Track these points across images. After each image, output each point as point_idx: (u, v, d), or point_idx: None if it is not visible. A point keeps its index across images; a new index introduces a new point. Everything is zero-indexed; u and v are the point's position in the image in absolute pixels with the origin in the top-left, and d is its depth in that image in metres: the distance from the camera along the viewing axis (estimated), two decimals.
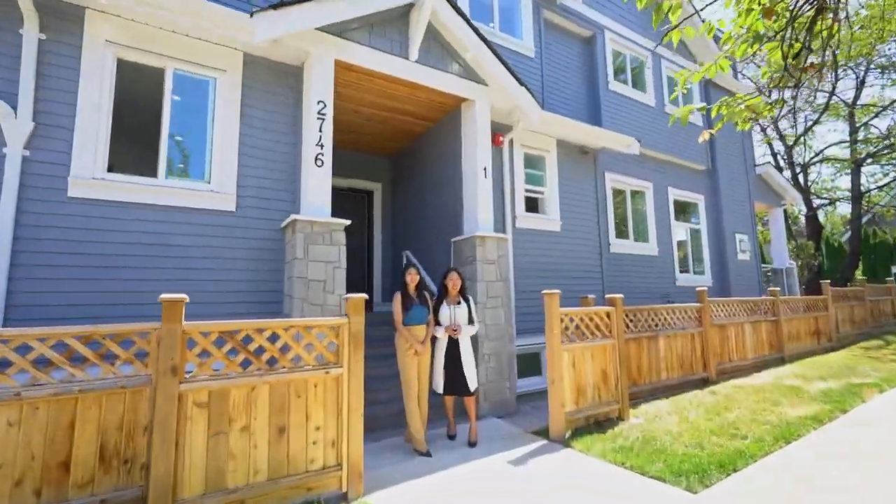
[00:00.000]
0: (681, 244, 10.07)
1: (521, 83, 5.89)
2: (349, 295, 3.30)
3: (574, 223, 7.27)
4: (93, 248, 3.85)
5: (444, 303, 4.41)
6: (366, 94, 5.89)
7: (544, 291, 4.46)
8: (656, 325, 6.11)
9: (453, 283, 4.42)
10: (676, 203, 9.99)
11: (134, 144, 4.31)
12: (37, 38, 3.78)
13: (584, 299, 5.41)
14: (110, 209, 3.95)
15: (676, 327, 6.40)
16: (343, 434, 3.18)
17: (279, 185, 4.75)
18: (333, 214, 4.07)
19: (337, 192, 7.86)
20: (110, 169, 4.08)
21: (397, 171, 8.11)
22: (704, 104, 3.10)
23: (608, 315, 5.01)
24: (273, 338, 3.07)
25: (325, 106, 4.70)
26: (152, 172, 4.22)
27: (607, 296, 5.13)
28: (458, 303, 4.41)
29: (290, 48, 4.66)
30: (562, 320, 4.52)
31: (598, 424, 4.64)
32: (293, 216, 4.28)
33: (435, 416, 4.96)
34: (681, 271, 9.64)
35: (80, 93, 3.91)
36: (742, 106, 2.86)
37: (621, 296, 5.08)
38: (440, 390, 4.33)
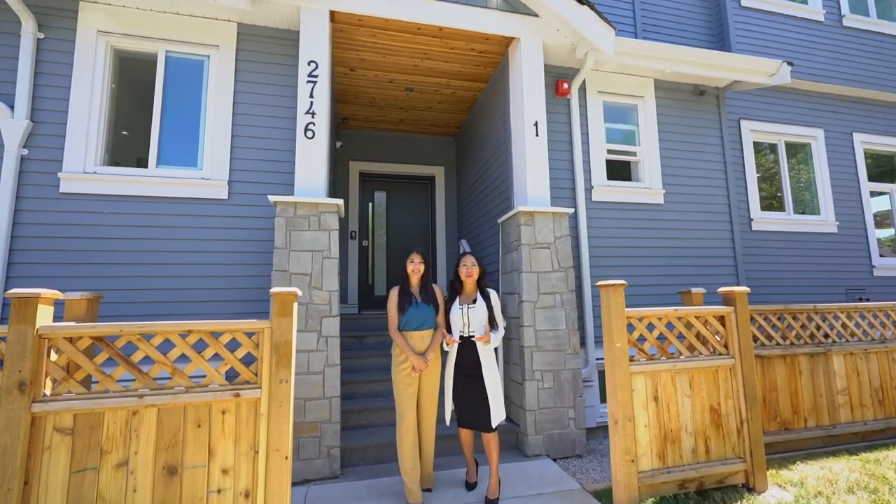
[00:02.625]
0: (882, 217, 6.89)
1: (583, 1, 4.32)
2: (275, 289, 2.41)
3: (686, 192, 5.26)
4: (82, 245, 3.68)
5: (457, 301, 3.24)
6: (393, 56, 5.00)
7: (601, 283, 2.95)
8: (826, 336, 3.90)
9: (467, 271, 3.22)
10: (870, 155, 6.85)
11: (130, 135, 4.13)
12: (34, 38, 3.78)
13: (686, 294, 3.65)
14: (101, 203, 3.76)
15: (870, 340, 4.04)
16: (259, 482, 2.29)
17: (278, 167, 4.13)
18: (392, 205, 3.33)
19: (398, 181, 7.17)
20: (106, 162, 3.94)
21: (459, 151, 7.06)
22: None
23: (722, 318, 3.20)
24: (166, 346, 2.34)
25: (317, 66, 3.93)
26: (144, 162, 3.97)
27: (721, 289, 3.29)
28: (474, 301, 3.19)
29: (281, 7, 4.02)
30: (631, 326, 2.95)
31: (704, 496, 2.90)
32: (271, 198, 3.59)
33: (457, 448, 3.79)
34: (882, 255, 6.54)
35: (72, 87, 3.82)
36: None
37: (745, 289, 3.19)
38: (448, 421, 3.18)
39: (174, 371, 2.29)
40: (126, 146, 4.12)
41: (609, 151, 5.12)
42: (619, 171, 5.22)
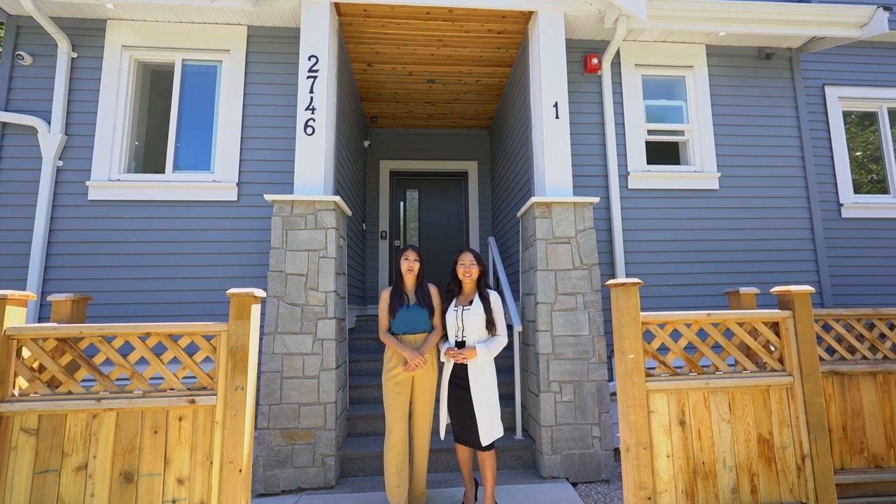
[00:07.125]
0: None
1: None
2: (232, 290, 2.28)
3: (747, 174, 4.46)
4: (107, 249, 3.89)
5: (452, 303, 2.93)
6: (408, 46, 4.80)
7: (610, 282, 2.48)
8: None
9: (465, 270, 2.89)
10: None
11: (149, 141, 4.32)
12: (68, 57, 4.07)
13: (733, 295, 3.03)
14: (123, 209, 3.95)
15: None
16: (214, 494, 2.16)
17: (286, 167, 4.06)
18: (424, 203, 3.20)
19: (430, 179, 6.96)
20: (131, 170, 4.14)
21: (492, 143, 6.69)
22: None
23: (776, 326, 2.56)
24: (128, 349, 2.29)
25: (318, 61, 3.82)
26: (161, 168, 4.11)
27: (774, 289, 2.64)
28: (470, 303, 2.86)
29: (283, 4, 3.97)
30: (650, 333, 2.45)
31: None
32: (267, 196, 3.53)
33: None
34: None
35: (100, 100, 4.05)
36: None
37: (806, 288, 2.52)
38: (442, 434, 2.87)
39: (133, 374, 2.23)
40: (146, 153, 4.30)
41: (650, 132, 4.48)
42: (664, 154, 4.56)
